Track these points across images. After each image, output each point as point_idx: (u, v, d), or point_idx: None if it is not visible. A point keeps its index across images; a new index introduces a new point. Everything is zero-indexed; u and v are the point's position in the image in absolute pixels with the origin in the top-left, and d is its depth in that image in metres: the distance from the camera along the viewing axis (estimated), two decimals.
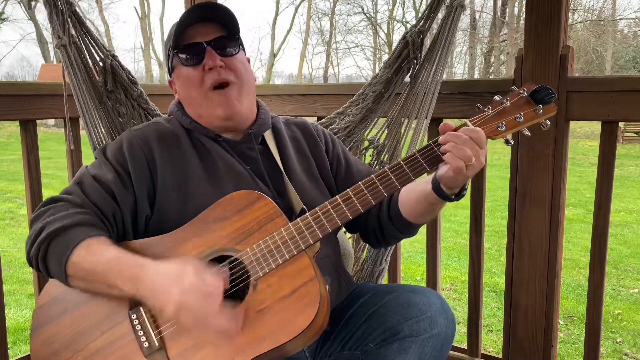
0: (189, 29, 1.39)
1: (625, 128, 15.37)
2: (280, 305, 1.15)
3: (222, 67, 1.38)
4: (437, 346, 1.26)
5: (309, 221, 1.21)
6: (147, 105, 2.00)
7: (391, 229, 1.45)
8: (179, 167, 1.35)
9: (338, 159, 1.56)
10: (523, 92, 1.22)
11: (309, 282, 1.15)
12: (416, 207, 1.36)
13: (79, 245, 1.18)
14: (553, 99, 1.21)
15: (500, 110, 1.21)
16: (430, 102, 1.81)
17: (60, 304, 1.28)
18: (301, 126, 1.58)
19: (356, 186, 1.22)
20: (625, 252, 5.45)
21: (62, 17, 1.79)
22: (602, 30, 22.90)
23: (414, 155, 1.21)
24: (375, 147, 1.94)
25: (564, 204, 1.79)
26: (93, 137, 1.87)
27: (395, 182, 1.20)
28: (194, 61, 1.39)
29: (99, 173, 1.31)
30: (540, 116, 1.21)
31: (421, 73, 1.82)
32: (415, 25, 1.83)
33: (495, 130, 1.21)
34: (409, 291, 1.33)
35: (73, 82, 1.82)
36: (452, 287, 4.39)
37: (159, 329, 1.19)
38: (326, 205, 1.22)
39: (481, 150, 1.17)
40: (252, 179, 1.39)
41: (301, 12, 33.54)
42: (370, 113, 1.93)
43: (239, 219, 1.23)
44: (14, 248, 5.52)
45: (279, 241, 1.19)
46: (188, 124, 1.43)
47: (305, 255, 1.18)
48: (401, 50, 1.84)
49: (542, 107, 1.20)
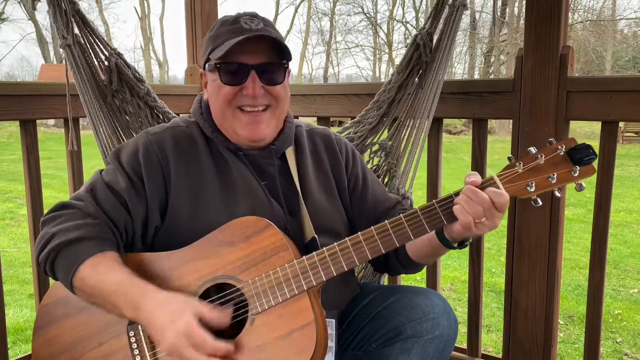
0: (237, 45, 1.27)
1: (625, 128, 15.38)
2: (276, 345, 1.14)
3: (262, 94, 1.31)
4: (440, 347, 1.26)
5: (314, 261, 1.18)
6: (154, 103, 1.98)
7: (395, 263, 1.43)
8: (193, 176, 1.32)
9: (356, 177, 1.52)
10: (560, 149, 1.11)
11: (306, 326, 1.13)
12: (421, 247, 1.34)
13: (86, 261, 1.19)
14: (593, 160, 1.09)
15: (533, 167, 1.11)
16: (432, 101, 1.81)
17: (65, 306, 1.29)
18: (324, 138, 1.52)
19: (368, 231, 1.18)
20: (625, 252, 5.44)
21: (66, 17, 1.79)
22: (602, 30, 22.91)
23: (432, 206, 1.16)
24: (384, 149, 1.94)
25: (564, 204, 1.79)
26: (100, 136, 1.87)
27: (408, 232, 1.16)
28: (234, 82, 1.30)
29: (113, 180, 1.29)
30: (575, 178, 1.10)
31: (427, 73, 1.83)
32: (423, 27, 1.84)
33: (523, 190, 1.12)
34: (412, 293, 1.33)
35: (78, 82, 1.82)
36: (452, 287, 4.39)
37: (154, 350, 1.20)
38: (334, 247, 1.19)
39: (498, 213, 1.12)
40: (267, 198, 1.35)
41: (301, 12, 33.57)
42: (383, 118, 1.94)
43: (245, 247, 1.21)
44: (14, 248, 5.52)
45: (281, 278, 1.17)
46: (210, 133, 1.37)
47: (307, 296, 1.16)
48: (412, 53, 1.84)
49: (580, 169, 1.10)
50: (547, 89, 1.71)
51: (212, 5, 2.46)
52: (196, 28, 2.44)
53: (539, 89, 1.73)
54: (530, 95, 1.74)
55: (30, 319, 3.62)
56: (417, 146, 1.85)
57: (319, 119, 2.21)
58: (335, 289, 1.36)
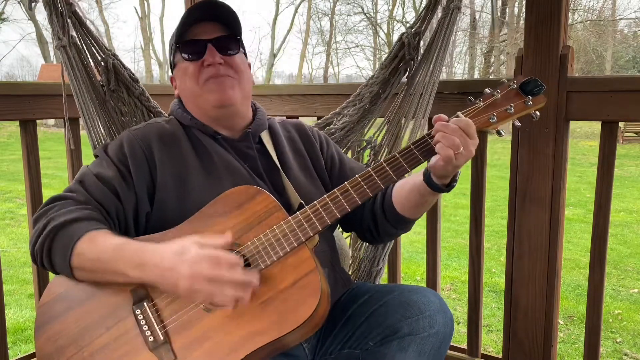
0: (192, 27, 1.42)
1: (625, 128, 15.37)
2: (283, 296, 1.16)
3: (221, 64, 1.41)
4: (436, 345, 1.27)
5: (308, 214, 1.23)
6: (148, 103, 2.01)
7: (385, 224, 1.47)
8: (177, 164, 1.37)
9: (332, 157, 1.60)
10: (513, 84, 1.26)
11: (310, 273, 1.17)
12: (409, 199, 1.39)
13: (82, 237, 1.20)
14: (542, 91, 1.25)
15: (491, 102, 1.25)
16: (427, 102, 1.81)
17: (64, 302, 1.29)
18: (297, 126, 1.62)
19: (353, 179, 1.25)
20: (625, 252, 5.45)
21: (62, 19, 1.79)
22: (602, 30, 22.90)
23: (409, 148, 1.25)
24: (372, 147, 1.95)
25: (564, 204, 1.79)
26: (93, 137, 1.88)
27: (391, 174, 1.24)
28: (194, 57, 1.41)
29: (101, 171, 1.33)
30: (529, 107, 1.25)
31: (418, 73, 1.83)
32: (411, 27, 1.84)
33: (487, 122, 1.25)
34: (408, 291, 1.35)
35: (73, 83, 1.82)
36: (452, 287, 4.39)
37: (163, 323, 1.20)
38: (325, 199, 1.24)
39: (470, 140, 1.21)
40: (250, 176, 1.41)
41: (301, 12, 33.56)
42: (368, 114, 1.94)
43: (239, 214, 1.25)
44: (14, 248, 5.52)
45: (279, 234, 1.21)
46: (188, 121, 1.45)
47: (306, 248, 1.21)
48: (397, 51, 1.85)
49: (532, 99, 1.25)
50: (547, 89, 1.71)
51: None
52: None
53: None
54: None
55: (30, 319, 3.62)
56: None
57: (319, 119, 2.21)
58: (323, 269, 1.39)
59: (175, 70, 1.50)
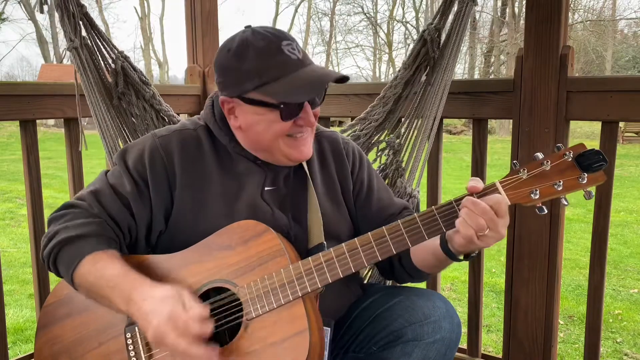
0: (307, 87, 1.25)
1: (625, 128, 15.38)
2: (269, 352, 1.13)
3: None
4: (441, 351, 1.25)
5: (310, 268, 1.17)
6: (160, 107, 2.00)
7: (401, 271, 1.41)
8: (198, 184, 1.31)
9: (362, 182, 1.49)
10: (568, 155, 1.05)
11: (300, 333, 1.12)
12: (425, 258, 1.32)
13: (87, 257, 1.20)
14: (603, 167, 1.04)
15: (538, 173, 1.07)
16: (440, 100, 1.81)
17: (67, 306, 1.30)
18: (331, 142, 1.50)
19: (365, 238, 1.17)
20: (625, 252, 5.44)
21: (74, 20, 1.81)
22: (602, 30, 22.91)
23: (432, 214, 1.13)
24: (391, 147, 1.93)
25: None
26: (106, 138, 1.89)
27: (406, 239, 1.14)
28: (290, 117, 1.26)
29: (118, 183, 1.29)
30: (583, 185, 1.05)
31: (435, 70, 1.82)
32: (431, 23, 1.83)
33: (527, 197, 1.08)
34: (414, 295, 1.31)
35: (85, 84, 1.84)
36: (452, 287, 4.39)
37: (150, 352, 1.20)
38: (330, 253, 1.17)
39: (500, 220, 1.08)
40: (269, 206, 1.33)
41: (301, 12, 33.58)
42: (390, 115, 1.93)
43: (243, 251, 1.21)
44: (14, 248, 5.52)
45: (276, 283, 1.16)
46: (226, 142, 1.34)
47: (301, 303, 1.15)
48: (419, 49, 1.83)
49: (588, 176, 1.04)
50: (547, 89, 1.71)
51: (212, 5, 2.46)
52: (196, 28, 2.45)
53: (539, 89, 1.73)
54: (530, 95, 1.74)
55: (30, 319, 3.62)
56: (425, 145, 1.85)
57: (320, 119, 2.20)
58: (336, 293, 1.35)
59: (245, 105, 1.28)
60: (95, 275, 1.19)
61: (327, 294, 1.25)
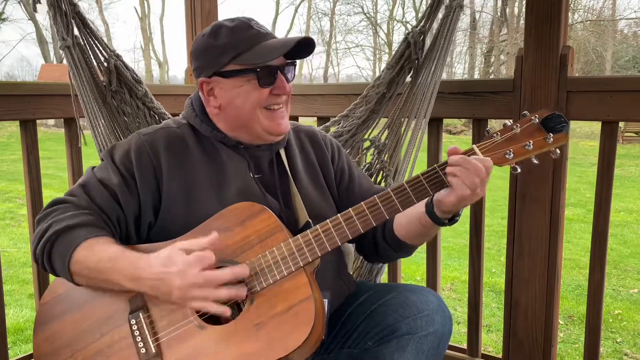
0: (282, 50, 1.32)
1: (625, 128, 15.38)
2: (276, 321, 1.16)
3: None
4: (434, 344, 1.27)
5: (309, 239, 1.21)
6: (151, 104, 2.01)
7: (385, 247, 1.45)
8: (186, 175, 1.34)
9: (342, 170, 1.56)
10: (534, 119, 1.18)
11: (304, 301, 1.16)
12: (409, 227, 1.37)
13: (81, 244, 1.20)
14: (565, 128, 1.17)
15: (510, 136, 1.18)
16: (429, 101, 1.82)
17: (64, 303, 1.30)
18: (309, 134, 1.57)
19: (358, 206, 1.22)
20: (625, 252, 5.45)
21: (66, 19, 1.80)
22: (602, 30, 22.90)
23: (418, 179, 1.20)
24: (376, 146, 1.95)
25: (564, 204, 1.79)
26: (97, 136, 1.89)
27: (397, 205, 1.21)
28: (267, 83, 1.33)
29: (105, 176, 1.32)
30: (550, 145, 1.18)
31: (421, 73, 1.83)
32: (416, 26, 1.84)
33: (502, 158, 1.18)
34: (407, 290, 1.34)
35: (77, 83, 1.83)
36: (452, 287, 4.39)
37: (156, 335, 1.21)
38: (327, 224, 1.22)
39: (485, 179, 1.16)
40: (260, 191, 1.38)
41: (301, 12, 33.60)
42: (373, 114, 1.94)
43: (241, 231, 1.24)
44: (14, 248, 5.52)
45: (278, 257, 1.20)
46: (208, 132, 1.39)
47: (303, 273, 1.19)
48: (403, 51, 1.85)
49: (553, 136, 1.17)
50: (547, 89, 1.71)
51: (212, 5, 2.46)
52: (196, 28, 2.45)
53: (539, 88, 1.73)
54: (530, 95, 1.74)
55: (30, 319, 3.62)
56: (414, 146, 1.86)
57: (319, 119, 2.21)
58: (330, 278, 1.39)
59: (223, 80, 1.35)
60: (93, 259, 1.19)
61: (320, 274, 1.27)
